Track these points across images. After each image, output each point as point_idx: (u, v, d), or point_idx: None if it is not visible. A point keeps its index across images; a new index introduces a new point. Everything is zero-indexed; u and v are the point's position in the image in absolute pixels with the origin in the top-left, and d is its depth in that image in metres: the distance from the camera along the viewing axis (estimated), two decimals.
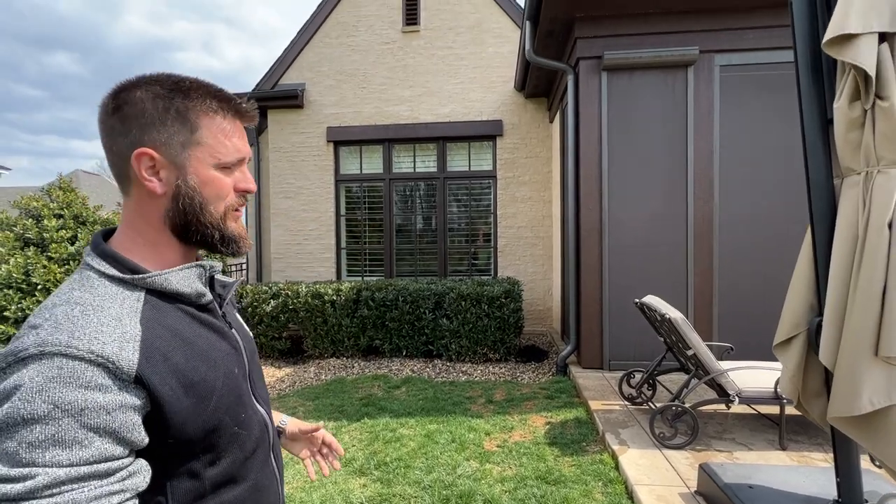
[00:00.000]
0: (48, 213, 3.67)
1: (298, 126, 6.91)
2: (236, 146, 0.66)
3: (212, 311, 0.70)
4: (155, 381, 0.56)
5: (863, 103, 1.58)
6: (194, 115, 0.63)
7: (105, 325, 0.54)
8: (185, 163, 0.63)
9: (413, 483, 2.60)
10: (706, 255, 4.12)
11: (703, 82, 4.10)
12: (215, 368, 0.64)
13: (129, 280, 0.61)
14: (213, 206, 0.65)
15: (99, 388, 0.51)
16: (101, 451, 0.51)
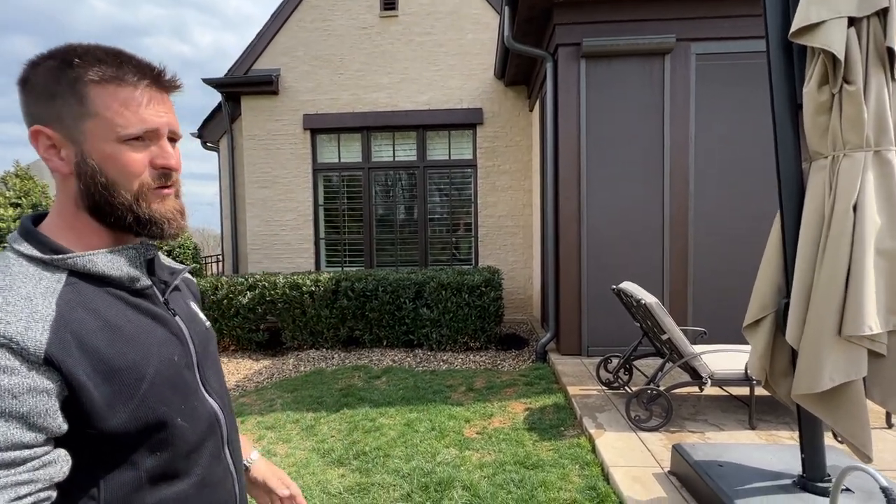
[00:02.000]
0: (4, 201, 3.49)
1: (274, 113, 6.73)
2: (141, 117, 0.59)
3: (149, 297, 0.66)
4: (69, 363, 0.52)
5: (831, 87, 1.60)
6: (82, 85, 0.57)
7: (11, 304, 0.51)
8: (82, 139, 0.58)
9: (392, 472, 2.59)
10: (681, 242, 4.20)
11: (680, 70, 4.13)
12: (146, 355, 0.60)
13: (48, 261, 0.56)
14: (123, 186, 0.59)
15: (3, 370, 0.48)
16: (7, 437, 0.47)
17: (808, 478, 1.80)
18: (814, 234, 1.63)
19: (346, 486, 2.47)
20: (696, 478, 2.01)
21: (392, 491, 2.40)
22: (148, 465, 0.59)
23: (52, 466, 0.51)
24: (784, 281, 1.80)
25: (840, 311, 1.51)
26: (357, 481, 2.52)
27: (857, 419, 1.53)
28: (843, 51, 1.53)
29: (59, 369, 0.51)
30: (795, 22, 1.62)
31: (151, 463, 0.59)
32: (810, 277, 1.62)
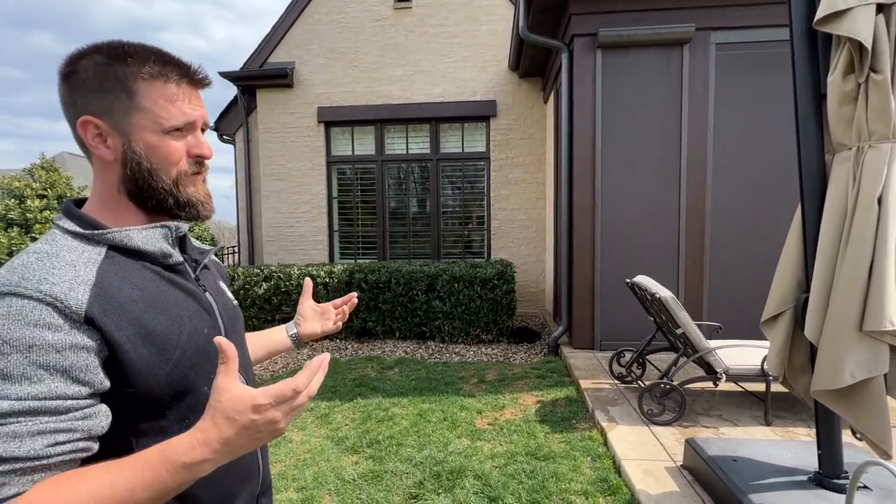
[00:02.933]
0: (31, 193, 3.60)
1: (288, 106, 6.78)
2: (182, 110, 0.65)
3: (181, 273, 0.70)
4: (108, 324, 0.56)
5: (857, 76, 1.56)
6: (132, 82, 0.62)
7: (57, 268, 0.56)
8: (129, 129, 0.63)
9: (405, 460, 2.63)
10: (698, 236, 4.13)
11: (699, 60, 4.05)
12: (179, 324, 0.64)
13: (89, 235, 0.61)
14: (164, 172, 0.65)
15: (48, 327, 0.52)
16: (51, 388, 0.51)
17: (824, 474, 1.78)
18: (836, 228, 1.60)
19: (359, 473, 2.52)
20: (710, 472, 2.00)
21: (405, 478, 2.44)
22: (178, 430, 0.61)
23: (92, 419, 0.54)
24: (804, 275, 1.77)
25: (862, 306, 1.48)
26: (370, 468, 2.57)
27: (878, 415, 1.50)
28: (870, 39, 1.48)
29: (98, 329, 0.55)
30: (821, 9, 1.58)
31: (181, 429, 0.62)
32: (831, 272, 1.59)
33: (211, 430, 0.52)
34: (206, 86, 0.69)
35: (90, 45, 0.63)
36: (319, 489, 2.39)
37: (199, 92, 0.69)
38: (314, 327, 1.04)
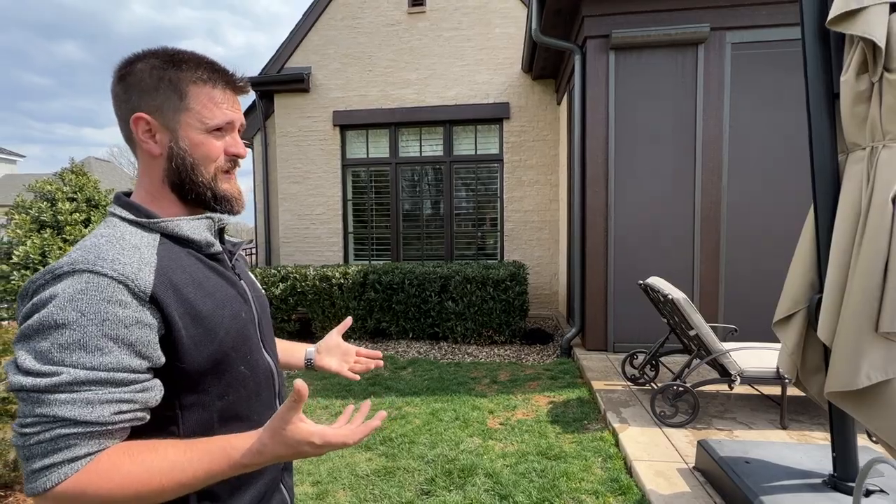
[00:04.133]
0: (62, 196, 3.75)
1: (305, 110, 6.91)
2: (224, 113, 0.71)
3: (220, 261, 0.76)
4: (168, 304, 0.62)
5: (870, 76, 1.55)
6: (184, 84, 0.69)
7: (126, 251, 0.62)
8: (177, 127, 0.69)
9: (417, 457, 2.67)
10: (713, 238, 4.09)
11: (714, 61, 4.01)
12: (222, 307, 0.70)
13: (143, 223, 0.68)
14: (204, 167, 0.71)
15: (119, 303, 0.58)
16: (118, 360, 0.57)
17: (839, 477, 1.76)
18: (849, 228, 1.59)
19: (373, 470, 2.57)
20: (722, 474, 1.99)
21: (417, 475, 2.48)
22: (218, 406, 0.68)
23: (149, 392, 0.60)
24: (817, 276, 1.76)
25: (877, 307, 1.47)
26: (383, 465, 2.61)
27: (894, 417, 1.48)
28: (884, 38, 1.48)
29: (160, 308, 0.61)
30: (834, 8, 1.57)
31: (220, 405, 0.68)
32: (845, 272, 1.58)
33: (269, 445, 0.61)
34: (245, 92, 0.76)
35: (146, 50, 0.70)
36: (334, 484, 2.44)
37: (235, 94, 0.75)
38: (331, 363, 1.05)
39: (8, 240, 3.67)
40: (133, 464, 0.56)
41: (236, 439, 0.62)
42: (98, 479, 0.55)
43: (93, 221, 3.89)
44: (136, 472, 0.56)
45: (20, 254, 3.45)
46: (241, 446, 0.61)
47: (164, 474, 0.56)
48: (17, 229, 3.58)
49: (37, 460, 0.54)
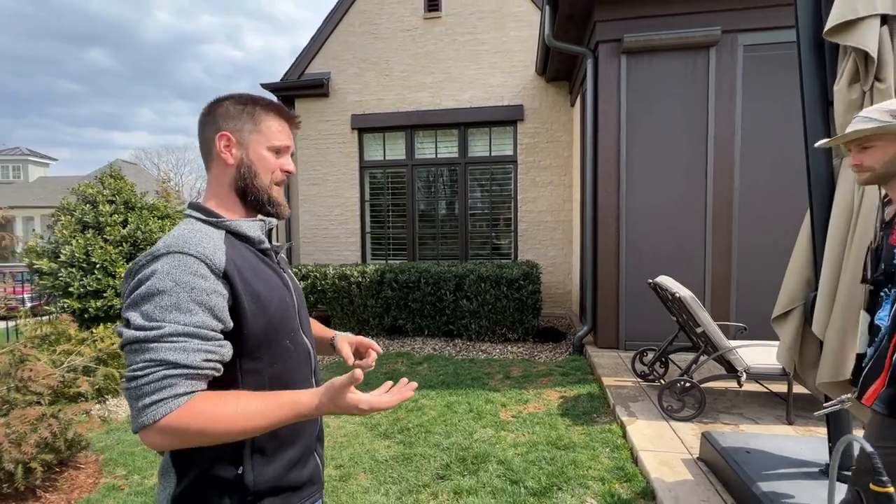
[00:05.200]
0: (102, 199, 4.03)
1: (324, 114, 7.14)
2: (282, 138, 0.93)
3: (269, 256, 0.94)
4: (235, 280, 0.80)
5: (862, 85, 1.64)
6: (260, 115, 0.91)
7: (204, 239, 0.80)
8: (249, 144, 0.90)
9: (433, 445, 2.82)
10: (725, 238, 4.14)
11: (726, 63, 4.06)
12: (271, 291, 0.87)
13: (213, 222, 0.86)
14: (264, 176, 0.91)
15: (202, 276, 0.76)
16: (202, 320, 0.74)
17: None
18: (842, 228, 1.68)
19: (391, 455, 2.73)
20: (723, 463, 2.09)
21: (433, 461, 2.63)
22: (269, 373, 0.85)
23: (224, 348, 0.78)
24: (813, 274, 1.85)
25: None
26: (401, 452, 2.78)
27: None
28: (876, 49, 1.57)
29: (230, 283, 0.79)
30: (831, 19, 1.66)
31: (270, 372, 0.86)
32: (837, 270, 1.67)
33: (326, 405, 0.78)
34: (297, 126, 0.99)
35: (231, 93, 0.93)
36: (355, 467, 2.62)
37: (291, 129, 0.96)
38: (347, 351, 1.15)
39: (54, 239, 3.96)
40: (223, 406, 0.73)
41: (300, 395, 0.79)
42: (195, 416, 0.70)
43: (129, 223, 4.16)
44: (223, 413, 0.72)
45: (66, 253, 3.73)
46: (305, 401, 0.78)
47: (245, 417, 0.73)
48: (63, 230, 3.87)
49: (146, 397, 0.69)
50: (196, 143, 0.95)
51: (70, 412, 2.27)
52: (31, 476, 2.23)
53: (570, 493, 2.24)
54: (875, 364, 1.28)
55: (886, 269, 1.28)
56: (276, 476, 0.85)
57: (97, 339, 2.75)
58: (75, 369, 2.46)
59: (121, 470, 2.71)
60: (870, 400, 1.28)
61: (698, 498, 2.05)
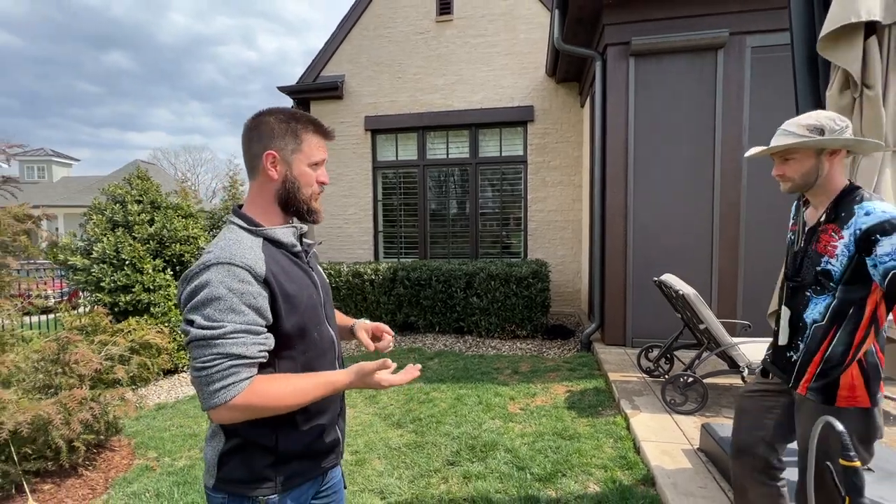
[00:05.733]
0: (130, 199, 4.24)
1: (338, 115, 7.32)
2: (320, 153, 1.05)
3: (300, 257, 1.07)
4: (274, 284, 0.93)
5: (852, 92, 1.73)
6: (301, 134, 1.02)
7: (247, 250, 0.93)
8: (292, 162, 1.01)
9: (443, 435, 2.96)
10: (732, 238, 4.19)
11: (734, 65, 4.12)
12: (301, 290, 1.00)
13: (252, 230, 0.99)
14: (304, 190, 1.03)
15: (249, 283, 0.90)
16: (253, 319, 0.89)
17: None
18: None
19: (404, 443, 2.88)
20: (722, 453, 2.19)
21: (443, 449, 2.77)
22: (301, 360, 0.99)
23: (270, 339, 0.92)
24: None
25: None
26: (413, 440, 2.92)
27: None
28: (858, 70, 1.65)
29: (269, 287, 0.92)
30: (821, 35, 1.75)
31: (302, 360, 0.99)
32: None
33: (355, 382, 0.95)
34: (332, 139, 1.09)
35: (267, 108, 1.03)
36: (370, 454, 2.77)
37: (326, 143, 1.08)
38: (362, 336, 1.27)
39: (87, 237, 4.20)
40: (276, 385, 0.89)
41: (334, 374, 0.96)
42: (257, 395, 0.87)
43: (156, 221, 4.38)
44: (278, 390, 0.89)
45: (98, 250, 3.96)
46: (338, 380, 0.94)
47: (294, 394, 0.90)
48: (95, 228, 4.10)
49: (217, 383, 0.85)
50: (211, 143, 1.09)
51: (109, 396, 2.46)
52: (74, 454, 2.43)
53: (574, 479, 2.36)
54: (806, 358, 1.40)
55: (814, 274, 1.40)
56: (304, 443, 1.00)
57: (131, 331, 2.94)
58: (112, 357, 2.66)
59: (152, 452, 2.90)
60: (803, 389, 1.41)
61: (696, 485, 2.15)
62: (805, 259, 1.44)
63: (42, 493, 2.34)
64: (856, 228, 1.30)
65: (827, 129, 1.35)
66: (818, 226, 1.42)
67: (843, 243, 1.33)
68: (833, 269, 1.35)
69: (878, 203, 1.31)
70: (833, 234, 1.36)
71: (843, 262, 1.33)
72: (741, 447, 1.61)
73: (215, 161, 53.69)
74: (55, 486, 2.40)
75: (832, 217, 1.38)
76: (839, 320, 1.35)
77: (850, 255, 1.31)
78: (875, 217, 1.27)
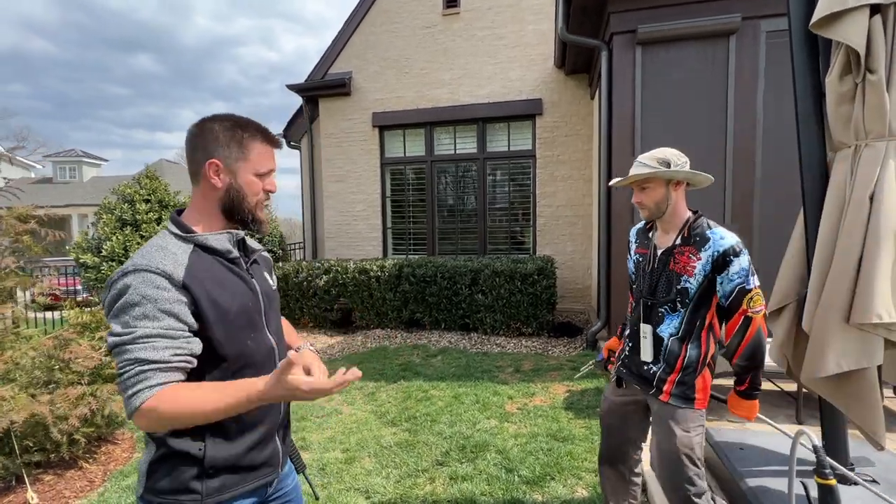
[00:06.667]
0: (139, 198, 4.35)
1: (346, 112, 7.34)
2: (268, 163, 1.03)
3: (237, 264, 1.04)
4: (195, 289, 0.91)
5: (854, 77, 1.60)
6: (247, 142, 1.00)
7: (167, 256, 0.92)
8: (237, 171, 0.99)
9: (436, 434, 2.93)
10: (745, 233, 4.00)
11: (747, 51, 3.91)
12: (233, 297, 0.98)
13: (183, 236, 0.97)
14: (249, 199, 1.01)
15: (164, 289, 0.88)
16: (169, 324, 0.87)
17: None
18: (833, 225, 1.65)
19: (396, 442, 2.87)
20: (715, 458, 2.09)
21: (434, 448, 2.74)
22: (233, 369, 0.96)
23: (192, 344, 0.90)
24: (806, 271, 1.82)
25: (850, 299, 1.53)
26: (405, 439, 2.90)
27: (869, 405, 1.54)
28: (863, 44, 1.53)
29: (189, 292, 0.90)
30: (817, 12, 1.63)
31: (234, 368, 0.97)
32: (827, 266, 1.65)
33: (272, 389, 0.83)
34: (280, 147, 1.07)
35: (217, 113, 1.01)
36: (361, 451, 2.76)
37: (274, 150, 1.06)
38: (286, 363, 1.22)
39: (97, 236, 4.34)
40: (184, 393, 0.86)
41: (250, 382, 0.87)
42: (163, 401, 0.83)
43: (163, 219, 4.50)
44: (188, 398, 0.85)
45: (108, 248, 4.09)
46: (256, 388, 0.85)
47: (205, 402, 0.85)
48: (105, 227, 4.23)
49: (129, 389, 0.84)
50: None
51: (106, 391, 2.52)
52: (75, 447, 2.50)
53: (563, 482, 2.30)
54: (667, 368, 1.56)
55: (673, 292, 1.56)
56: (235, 455, 0.97)
57: None
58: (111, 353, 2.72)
59: None
60: (666, 396, 1.55)
61: None
62: (662, 278, 1.60)
63: (42, 485, 2.42)
64: (714, 251, 1.51)
65: (672, 163, 1.58)
66: (674, 248, 1.60)
67: (701, 264, 1.52)
68: (690, 287, 1.54)
69: (723, 230, 1.56)
70: (691, 255, 1.55)
71: (699, 279, 1.52)
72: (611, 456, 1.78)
73: None
74: (56, 477, 2.48)
75: (688, 241, 1.58)
76: (691, 332, 1.54)
77: (705, 275, 1.51)
78: (728, 241, 1.52)
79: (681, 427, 1.51)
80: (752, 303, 1.50)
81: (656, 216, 1.63)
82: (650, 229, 1.73)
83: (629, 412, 1.72)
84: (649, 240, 1.70)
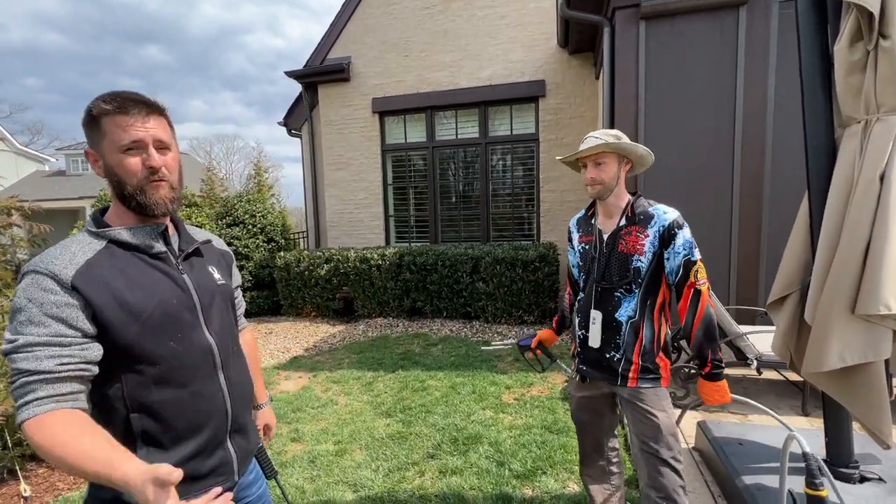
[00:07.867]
0: None
1: (346, 98, 7.21)
2: (130, 133, 0.86)
3: (163, 259, 0.95)
4: (89, 292, 0.82)
5: (865, 43, 1.46)
6: (101, 120, 0.87)
7: (64, 254, 0.84)
8: (104, 153, 0.89)
9: (430, 425, 2.89)
10: (754, 218, 3.84)
11: (759, 22, 3.69)
12: (151, 297, 0.89)
13: (97, 233, 0.90)
14: (128, 180, 0.88)
15: (51, 291, 0.81)
16: (56, 330, 0.80)
17: (830, 462, 1.72)
18: (840, 207, 1.52)
19: (388, 434, 2.83)
20: (714, 454, 2.01)
21: (426, 440, 2.70)
22: (151, 372, 0.88)
23: (88, 351, 0.82)
24: (811, 257, 1.69)
25: (856, 289, 1.42)
26: (399, 430, 2.86)
27: (875, 402, 1.44)
28: (878, 4, 1.38)
29: (81, 294, 0.82)
30: None
31: (153, 372, 0.88)
32: (833, 252, 1.53)
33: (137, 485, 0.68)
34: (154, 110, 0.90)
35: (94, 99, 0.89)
36: (352, 444, 2.73)
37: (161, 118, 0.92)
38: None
39: None
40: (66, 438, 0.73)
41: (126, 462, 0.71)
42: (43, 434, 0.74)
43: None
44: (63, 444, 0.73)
45: None
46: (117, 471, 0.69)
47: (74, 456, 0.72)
48: None
49: (18, 401, 0.77)
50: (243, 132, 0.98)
51: None
52: None
53: (554, 477, 2.23)
54: (628, 353, 1.52)
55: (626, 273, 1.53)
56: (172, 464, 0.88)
57: None
58: None
59: None
60: (633, 382, 1.51)
61: None
62: (612, 261, 1.56)
63: (36, 478, 2.44)
64: (660, 225, 1.52)
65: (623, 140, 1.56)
66: (619, 229, 1.57)
67: (650, 241, 1.52)
68: (642, 265, 1.52)
69: (663, 206, 1.59)
70: (638, 234, 1.54)
71: (650, 257, 1.51)
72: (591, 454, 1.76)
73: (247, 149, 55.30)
74: (48, 469, 2.50)
75: (633, 220, 1.56)
76: (645, 312, 1.52)
77: (654, 251, 1.51)
78: (671, 215, 1.55)
79: (657, 409, 1.49)
80: (698, 275, 1.49)
81: (605, 195, 1.59)
82: (591, 216, 1.71)
83: (598, 406, 1.70)
84: (592, 226, 1.67)
